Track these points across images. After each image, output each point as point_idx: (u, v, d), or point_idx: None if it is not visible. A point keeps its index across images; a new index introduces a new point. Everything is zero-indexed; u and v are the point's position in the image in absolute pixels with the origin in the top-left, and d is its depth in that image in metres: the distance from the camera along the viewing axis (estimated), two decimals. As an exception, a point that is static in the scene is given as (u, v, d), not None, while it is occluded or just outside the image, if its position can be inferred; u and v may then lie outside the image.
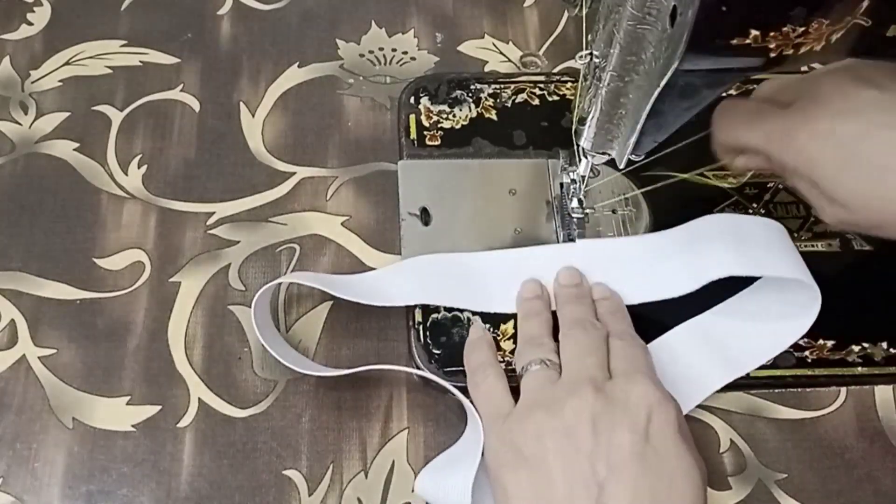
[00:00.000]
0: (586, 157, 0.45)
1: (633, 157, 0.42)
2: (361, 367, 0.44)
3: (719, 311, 0.46)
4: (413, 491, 0.42)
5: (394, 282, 0.46)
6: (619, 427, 0.37)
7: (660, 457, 0.37)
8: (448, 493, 0.40)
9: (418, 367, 0.45)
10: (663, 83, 0.35)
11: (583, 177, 0.47)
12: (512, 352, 0.44)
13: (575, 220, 0.48)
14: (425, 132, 0.52)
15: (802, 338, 0.46)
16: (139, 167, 0.51)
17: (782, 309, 0.45)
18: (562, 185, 0.49)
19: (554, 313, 0.45)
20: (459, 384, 0.43)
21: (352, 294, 0.45)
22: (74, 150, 0.51)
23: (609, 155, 0.43)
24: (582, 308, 0.44)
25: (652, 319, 0.45)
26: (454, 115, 0.53)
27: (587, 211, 0.47)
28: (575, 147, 0.44)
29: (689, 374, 0.44)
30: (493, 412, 0.40)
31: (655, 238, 0.46)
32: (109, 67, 0.54)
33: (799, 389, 0.46)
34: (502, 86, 0.54)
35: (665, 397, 0.38)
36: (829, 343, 0.46)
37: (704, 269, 0.43)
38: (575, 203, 0.47)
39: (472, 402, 0.42)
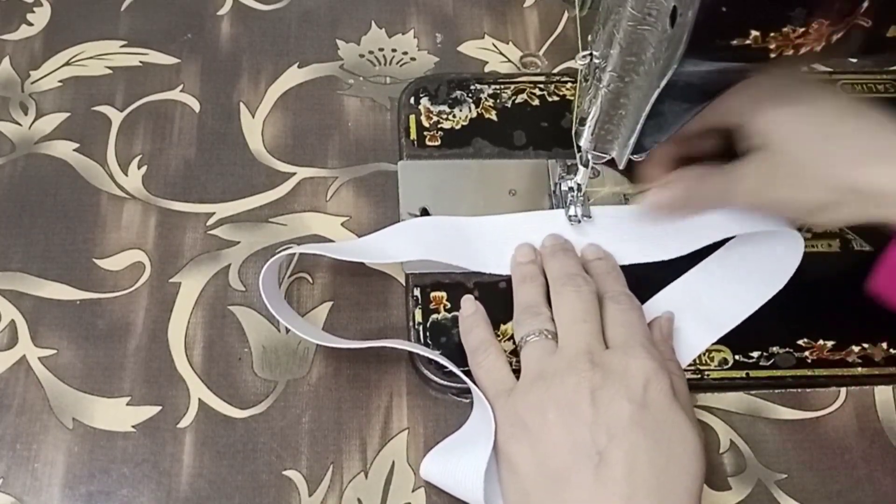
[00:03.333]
0: (584, 167, 0.45)
1: (633, 158, 0.42)
2: (372, 342, 0.44)
3: (700, 271, 0.47)
4: (419, 474, 0.42)
5: (394, 241, 0.47)
6: (618, 397, 0.38)
7: (657, 423, 0.38)
8: (459, 477, 0.40)
9: (416, 368, 0.45)
10: (663, 84, 0.35)
11: (579, 185, 0.47)
12: (511, 352, 0.44)
13: (574, 224, 0.48)
14: (425, 132, 0.52)
15: (802, 338, 0.46)
16: (139, 168, 0.51)
17: (763, 261, 0.46)
18: (560, 192, 0.49)
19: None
20: (460, 385, 0.43)
21: (355, 256, 0.46)
22: (74, 150, 0.51)
23: (609, 155, 0.43)
24: (568, 260, 0.45)
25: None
26: (454, 116, 0.53)
27: (585, 219, 0.47)
28: (575, 148, 0.44)
29: (676, 337, 0.45)
30: (497, 389, 0.42)
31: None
32: (109, 68, 0.54)
33: (799, 390, 0.46)
34: (502, 86, 0.54)
35: (661, 367, 0.39)
36: (829, 343, 0.46)
37: (695, 232, 0.45)
38: (573, 211, 0.47)
39: (474, 381, 0.43)
